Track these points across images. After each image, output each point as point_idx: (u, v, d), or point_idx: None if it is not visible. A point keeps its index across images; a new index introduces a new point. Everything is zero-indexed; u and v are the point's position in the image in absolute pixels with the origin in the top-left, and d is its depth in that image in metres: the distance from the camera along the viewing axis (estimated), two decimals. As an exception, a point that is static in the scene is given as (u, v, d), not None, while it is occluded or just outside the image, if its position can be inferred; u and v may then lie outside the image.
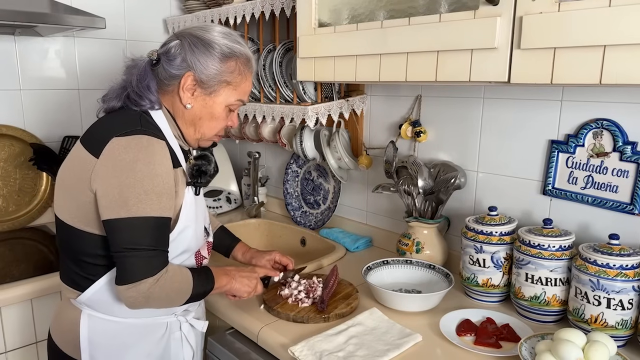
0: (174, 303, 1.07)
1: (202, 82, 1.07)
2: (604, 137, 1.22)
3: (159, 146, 1.01)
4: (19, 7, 1.54)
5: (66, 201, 1.06)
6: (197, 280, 1.08)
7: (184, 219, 1.08)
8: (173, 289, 1.03)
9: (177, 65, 1.06)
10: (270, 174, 2.27)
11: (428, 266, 1.43)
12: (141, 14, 2.20)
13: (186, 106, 1.08)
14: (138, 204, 0.97)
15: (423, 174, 1.48)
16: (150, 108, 1.07)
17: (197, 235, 1.14)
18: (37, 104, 1.99)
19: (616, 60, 0.89)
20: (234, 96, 1.11)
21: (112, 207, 0.97)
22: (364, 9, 1.34)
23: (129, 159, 0.97)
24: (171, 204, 1.03)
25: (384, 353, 1.08)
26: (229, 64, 1.08)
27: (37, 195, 2.01)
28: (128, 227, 0.97)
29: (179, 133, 1.12)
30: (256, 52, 1.91)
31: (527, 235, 1.23)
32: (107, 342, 1.10)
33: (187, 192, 1.09)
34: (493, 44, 1.05)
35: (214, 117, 1.11)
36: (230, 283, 1.18)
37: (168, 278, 1.01)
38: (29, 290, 1.47)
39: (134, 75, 1.07)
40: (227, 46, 1.08)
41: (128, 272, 0.97)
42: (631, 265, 1.08)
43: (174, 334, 1.18)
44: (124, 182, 0.97)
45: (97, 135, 1.04)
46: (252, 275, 1.23)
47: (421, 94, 1.60)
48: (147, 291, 0.98)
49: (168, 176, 1.01)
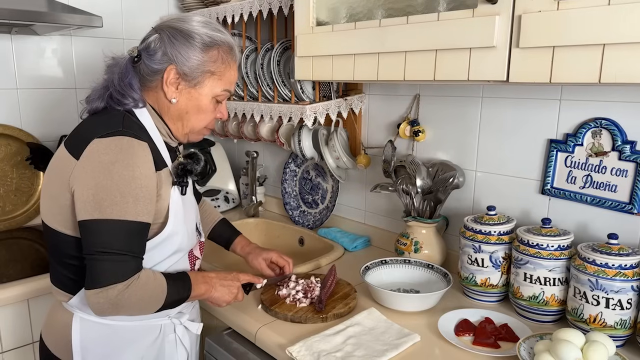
0: (145, 311, 1.02)
1: (186, 75, 1.04)
2: (603, 136, 1.22)
3: (140, 148, 0.98)
4: (15, 5, 1.53)
5: (50, 204, 1.04)
6: (171, 288, 1.03)
7: (172, 219, 1.05)
8: (144, 297, 0.99)
9: (158, 60, 1.03)
10: (268, 174, 2.26)
11: (426, 266, 1.43)
12: (138, 12, 2.19)
13: (171, 101, 1.06)
14: (112, 206, 0.94)
15: (421, 174, 1.48)
16: (134, 106, 1.05)
17: (188, 234, 1.12)
18: (34, 103, 1.99)
19: (615, 59, 0.89)
20: (220, 86, 1.09)
21: (86, 209, 0.95)
22: (362, 7, 1.34)
23: (107, 161, 0.95)
24: (150, 209, 0.99)
25: (382, 353, 1.08)
26: (211, 54, 1.05)
27: (34, 195, 2.00)
28: (100, 230, 0.94)
29: (167, 130, 1.10)
30: (254, 51, 1.91)
31: (526, 235, 1.22)
32: (99, 345, 1.09)
33: (173, 192, 1.06)
34: (492, 43, 1.04)
35: (201, 109, 1.08)
36: (208, 292, 1.13)
37: (139, 285, 0.97)
38: (26, 290, 1.46)
39: (115, 73, 1.05)
40: (207, 35, 1.05)
41: (97, 276, 0.94)
42: (630, 265, 1.07)
43: (168, 336, 1.16)
44: (99, 184, 0.94)
45: (80, 136, 1.01)
46: (232, 284, 1.18)
47: (419, 93, 1.60)
48: (115, 298, 0.94)
49: (148, 179, 0.98)
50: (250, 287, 1.27)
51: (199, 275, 1.14)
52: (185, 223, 1.10)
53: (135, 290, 0.97)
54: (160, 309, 1.04)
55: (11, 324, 1.47)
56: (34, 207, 2.00)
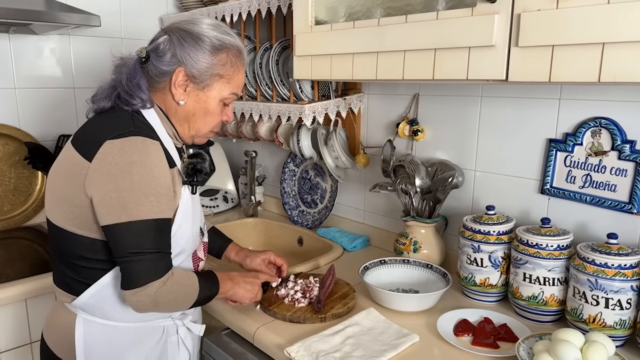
0: (181, 307, 1.06)
1: (194, 77, 1.05)
2: (603, 135, 1.22)
3: (154, 147, 0.99)
4: (13, 4, 1.53)
5: (59, 204, 1.04)
6: (203, 284, 1.08)
7: (179, 219, 1.06)
8: (180, 293, 1.02)
9: (167, 62, 1.03)
10: (267, 173, 2.26)
11: (425, 266, 1.43)
12: (137, 11, 2.18)
13: (179, 103, 1.06)
14: (138, 207, 0.95)
15: (420, 173, 1.47)
16: (141, 107, 1.05)
17: (193, 235, 1.12)
18: (32, 102, 1.98)
19: (615, 58, 0.88)
20: (228, 89, 1.09)
21: (111, 213, 0.95)
22: (360, 6, 1.33)
23: (124, 162, 0.95)
24: (171, 205, 1.02)
25: (381, 353, 1.07)
26: (220, 57, 1.06)
27: (32, 195, 2.00)
28: (130, 232, 0.95)
29: (173, 131, 1.10)
30: (253, 51, 1.90)
31: (525, 235, 1.22)
32: (102, 346, 1.09)
33: (183, 192, 1.08)
34: (491, 42, 1.04)
35: (208, 112, 1.09)
36: (234, 289, 1.17)
37: (175, 281, 1.00)
38: (24, 290, 1.46)
39: (123, 74, 1.05)
40: (217, 38, 1.05)
41: (134, 276, 0.96)
42: (629, 265, 1.07)
43: (170, 337, 1.16)
44: (121, 186, 0.95)
45: (89, 137, 1.01)
46: (254, 282, 1.22)
47: (419, 93, 1.59)
48: (155, 294, 0.97)
49: (165, 177, 0.99)
50: (266, 286, 1.31)
51: (223, 273, 1.17)
52: (192, 224, 1.11)
53: (171, 286, 0.99)
54: (194, 305, 1.07)
55: (9, 324, 1.47)
56: (32, 207, 1.99)
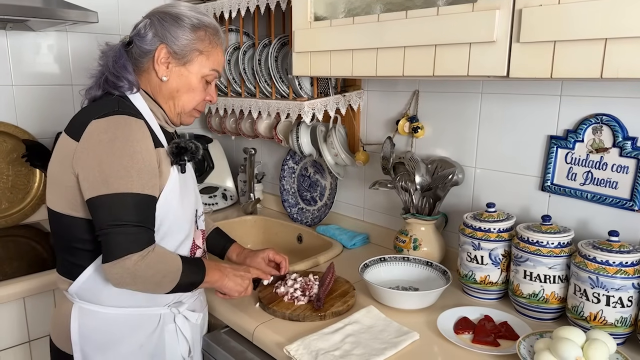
0: (162, 287, 1.04)
1: (176, 53, 1.09)
2: (604, 132, 1.21)
3: (136, 125, 1.02)
4: (10, 0, 1.52)
5: (54, 188, 1.08)
6: (186, 268, 1.07)
7: (165, 197, 1.07)
8: (160, 270, 1.02)
9: (149, 41, 1.09)
10: (266, 171, 2.25)
11: (425, 263, 1.42)
12: (134, 7, 2.16)
13: (162, 79, 1.10)
14: (118, 180, 0.98)
15: (420, 170, 1.47)
16: (128, 89, 1.09)
17: (184, 218, 1.13)
18: (30, 99, 1.97)
19: (617, 54, 0.88)
20: (208, 65, 1.13)
21: (93, 187, 0.98)
22: (360, 2, 1.32)
23: (107, 139, 0.99)
24: (154, 182, 1.03)
25: (381, 352, 1.07)
26: (199, 34, 1.11)
27: (30, 192, 1.99)
28: (110, 204, 0.98)
29: (162, 112, 1.13)
30: (251, 47, 1.89)
31: (526, 232, 1.21)
32: (98, 334, 1.10)
33: (172, 172, 1.09)
34: (492, 38, 1.03)
35: (191, 88, 1.13)
36: (222, 280, 1.16)
37: (155, 257, 1.00)
38: (22, 288, 1.45)
39: (109, 57, 1.10)
40: (195, 17, 1.11)
41: (112, 248, 0.97)
42: (631, 263, 1.06)
43: (167, 326, 1.17)
44: (103, 161, 0.98)
45: (77, 121, 1.06)
46: (245, 275, 1.22)
47: (419, 89, 1.58)
48: (133, 267, 0.97)
49: (148, 153, 1.02)
50: (257, 283, 1.30)
51: (212, 262, 1.17)
52: (183, 206, 1.12)
53: (151, 261, 0.99)
54: (175, 288, 1.06)
55: (8, 322, 1.46)
56: (30, 205, 1.98)
